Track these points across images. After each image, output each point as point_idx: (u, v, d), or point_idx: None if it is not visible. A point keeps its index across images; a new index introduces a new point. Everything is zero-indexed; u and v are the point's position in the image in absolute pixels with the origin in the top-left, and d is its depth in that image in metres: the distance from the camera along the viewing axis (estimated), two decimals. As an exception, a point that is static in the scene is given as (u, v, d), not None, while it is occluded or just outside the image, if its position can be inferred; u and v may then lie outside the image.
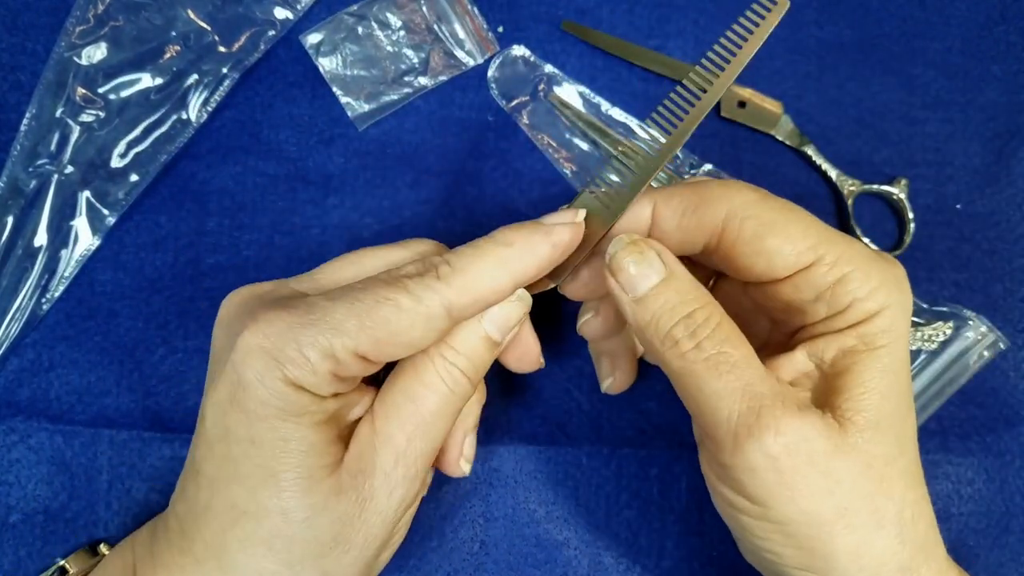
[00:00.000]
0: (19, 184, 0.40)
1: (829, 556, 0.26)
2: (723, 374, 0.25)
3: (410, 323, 0.26)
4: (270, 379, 0.26)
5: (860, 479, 0.26)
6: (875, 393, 0.26)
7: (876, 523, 0.26)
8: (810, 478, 0.25)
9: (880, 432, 0.26)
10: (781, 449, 0.25)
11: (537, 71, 0.43)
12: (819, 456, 0.25)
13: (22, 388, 0.39)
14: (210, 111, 0.41)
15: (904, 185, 0.41)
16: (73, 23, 0.41)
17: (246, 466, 0.26)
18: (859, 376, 0.26)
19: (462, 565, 0.38)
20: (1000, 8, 0.43)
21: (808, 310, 0.28)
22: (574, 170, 0.42)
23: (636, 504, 0.39)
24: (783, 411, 0.25)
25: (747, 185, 0.28)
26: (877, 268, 0.27)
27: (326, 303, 0.26)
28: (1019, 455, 0.39)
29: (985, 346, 0.38)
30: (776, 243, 0.27)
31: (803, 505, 0.25)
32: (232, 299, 0.29)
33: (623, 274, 0.27)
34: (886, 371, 0.26)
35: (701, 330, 0.26)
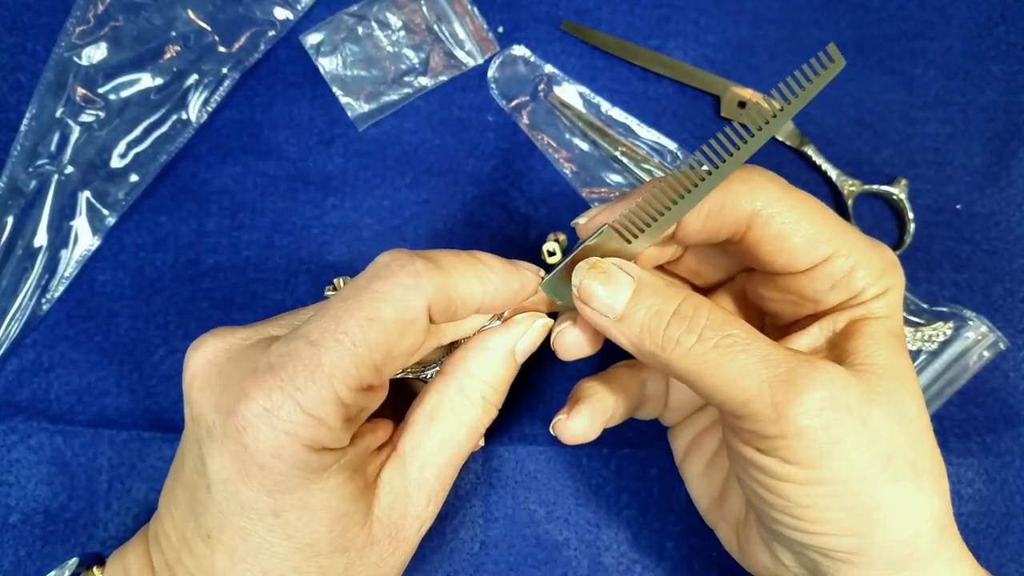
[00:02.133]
0: (19, 184, 0.40)
1: (873, 512, 0.25)
2: (738, 354, 0.25)
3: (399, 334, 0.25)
4: (287, 452, 0.24)
5: (896, 427, 0.25)
6: (885, 350, 0.27)
7: (915, 474, 0.25)
8: (853, 429, 0.24)
9: (903, 382, 0.26)
10: (824, 404, 0.24)
11: (537, 71, 0.43)
12: (856, 405, 0.25)
13: (22, 388, 0.39)
14: (210, 111, 0.41)
15: (904, 185, 0.41)
16: (73, 23, 0.41)
17: (274, 537, 0.25)
18: (868, 337, 0.27)
19: (462, 565, 0.38)
20: (1000, 8, 0.43)
21: (823, 298, 0.29)
22: (574, 170, 0.42)
23: (636, 504, 0.39)
24: (811, 368, 0.25)
25: (767, 178, 0.28)
26: (878, 255, 0.28)
27: (311, 350, 0.24)
28: (1019, 455, 0.39)
29: (985, 346, 0.38)
30: (799, 242, 0.27)
31: (850, 456, 0.24)
32: (203, 354, 0.27)
33: (596, 300, 0.27)
34: (890, 335, 0.27)
35: (696, 321, 0.26)
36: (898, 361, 0.27)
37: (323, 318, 0.25)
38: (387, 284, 0.25)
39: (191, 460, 0.26)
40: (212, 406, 0.25)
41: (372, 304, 0.25)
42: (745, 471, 0.27)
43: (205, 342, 0.27)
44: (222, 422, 0.25)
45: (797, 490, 0.25)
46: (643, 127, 0.42)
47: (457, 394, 0.29)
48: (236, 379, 0.25)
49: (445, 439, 0.28)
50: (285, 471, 0.24)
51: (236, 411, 0.24)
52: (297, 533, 0.25)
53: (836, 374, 0.25)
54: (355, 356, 0.24)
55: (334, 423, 0.25)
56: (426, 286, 0.25)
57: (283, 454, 0.24)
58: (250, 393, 0.24)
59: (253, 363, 0.25)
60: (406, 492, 0.28)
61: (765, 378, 0.24)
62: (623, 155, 0.41)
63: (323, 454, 0.25)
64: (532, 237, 0.41)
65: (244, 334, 0.27)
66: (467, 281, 0.27)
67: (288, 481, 0.25)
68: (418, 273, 0.25)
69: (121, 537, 0.38)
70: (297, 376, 0.24)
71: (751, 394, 0.25)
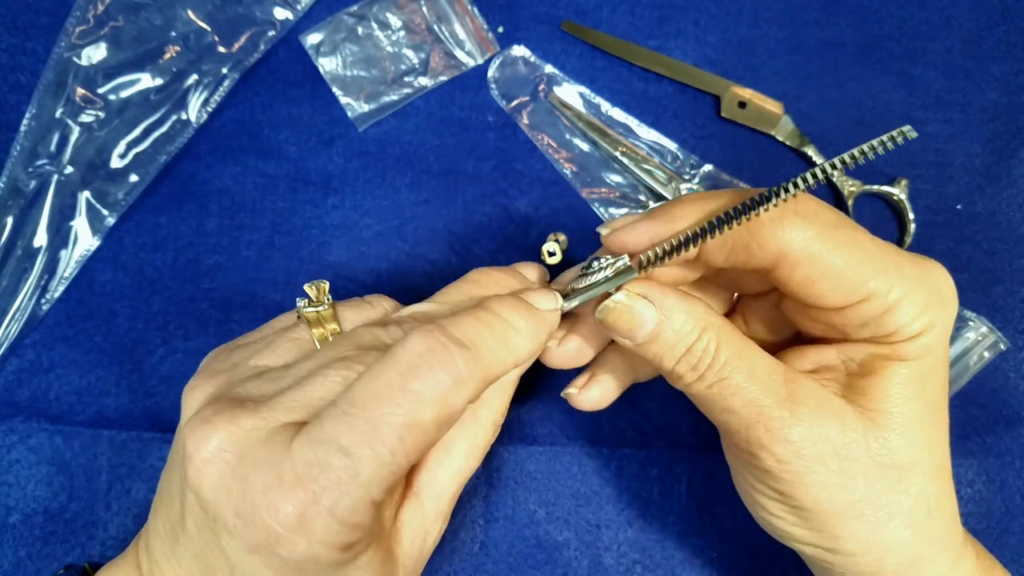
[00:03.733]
0: (19, 184, 0.40)
1: (839, 539, 0.28)
2: (728, 397, 0.27)
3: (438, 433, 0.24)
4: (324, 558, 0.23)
5: (874, 476, 0.27)
6: (900, 398, 0.27)
7: (887, 515, 0.27)
8: (823, 475, 0.27)
9: (903, 435, 0.27)
10: (794, 454, 0.27)
11: (537, 71, 0.43)
12: (832, 455, 0.27)
13: (22, 388, 0.39)
14: (210, 111, 0.41)
15: (904, 186, 0.41)
16: (73, 23, 0.41)
17: None
18: (886, 380, 0.27)
19: (462, 566, 0.38)
20: (1000, 9, 0.43)
21: (852, 333, 0.28)
22: (574, 170, 0.42)
23: (636, 504, 0.39)
24: (792, 420, 0.27)
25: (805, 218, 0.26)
26: (924, 291, 0.27)
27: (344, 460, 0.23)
28: (1019, 456, 0.39)
29: (985, 347, 0.38)
30: (829, 287, 0.26)
31: (818, 496, 0.27)
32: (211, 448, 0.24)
33: (618, 331, 0.28)
34: (911, 379, 0.27)
35: (701, 363, 0.27)
36: (910, 410, 0.27)
37: (355, 419, 0.23)
38: (426, 386, 0.23)
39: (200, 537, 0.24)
40: (232, 510, 0.23)
41: (411, 408, 0.23)
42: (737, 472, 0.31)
43: (210, 435, 0.24)
44: (245, 528, 0.23)
45: (770, 503, 0.29)
46: (643, 127, 0.42)
47: (470, 424, 0.29)
48: (259, 488, 0.23)
49: (459, 468, 0.29)
50: (321, 571, 0.24)
51: (266, 524, 0.23)
52: None
53: (816, 426, 0.27)
54: (392, 465, 0.23)
55: (368, 524, 0.24)
56: (468, 386, 0.24)
57: (320, 560, 0.23)
58: (280, 508, 0.22)
59: (276, 469, 0.23)
60: (424, 527, 0.28)
61: (748, 421, 0.27)
62: (623, 155, 0.41)
63: (356, 545, 0.24)
64: (532, 237, 0.41)
65: (252, 423, 0.24)
66: (501, 358, 0.26)
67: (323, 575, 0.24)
68: (459, 371, 0.24)
69: (121, 537, 0.38)
70: (331, 489, 0.23)
71: (734, 429, 0.28)
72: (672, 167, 0.42)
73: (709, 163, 0.42)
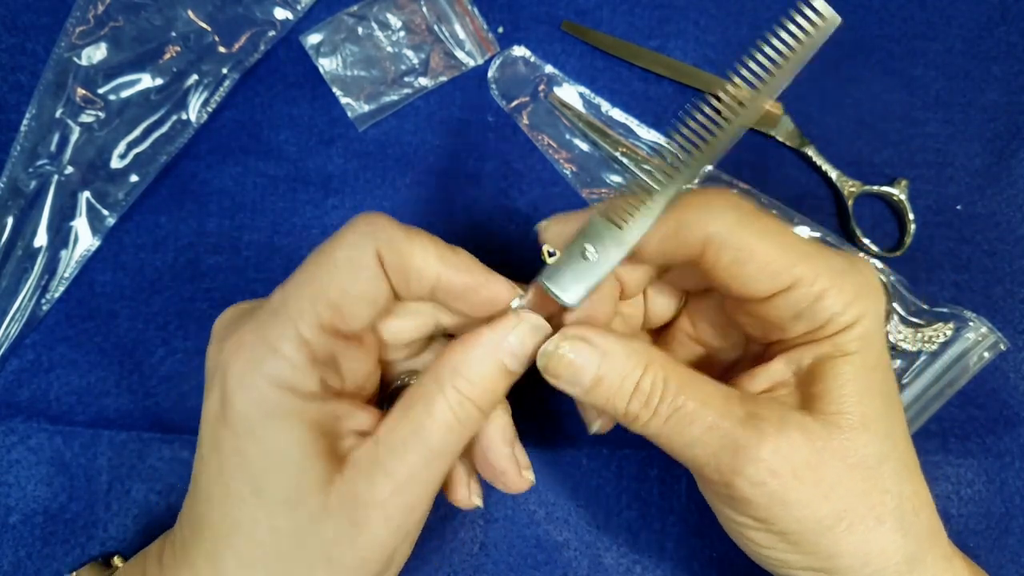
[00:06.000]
0: (19, 185, 0.40)
1: (834, 557, 0.27)
2: (686, 427, 0.27)
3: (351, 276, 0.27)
4: (250, 383, 0.25)
5: (851, 480, 0.27)
6: (852, 395, 0.27)
7: (876, 519, 0.27)
8: (801, 490, 0.26)
9: (865, 431, 0.27)
10: (767, 473, 0.26)
11: (537, 72, 0.43)
12: (805, 467, 0.26)
13: (22, 389, 0.39)
14: (210, 112, 0.41)
15: (904, 186, 0.41)
16: (73, 24, 0.41)
17: (235, 480, 0.26)
18: (835, 380, 0.27)
19: (462, 566, 0.38)
20: (1000, 9, 0.43)
21: (787, 327, 0.28)
22: (574, 171, 0.42)
23: (636, 505, 0.39)
24: (759, 438, 0.26)
25: (726, 202, 0.28)
26: (851, 281, 0.27)
27: (280, 295, 0.27)
28: (1019, 456, 0.39)
29: (985, 347, 0.38)
30: (753, 270, 0.27)
31: (801, 514, 0.26)
32: (221, 318, 0.29)
33: (562, 379, 0.28)
34: (860, 372, 0.27)
35: (652, 397, 0.27)
36: (865, 405, 0.27)
37: (297, 270, 0.28)
38: (345, 231, 0.27)
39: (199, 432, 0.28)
40: (214, 350, 0.27)
41: (330, 249, 0.27)
42: (713, 508, 0.30)
43: (227, 310, 0.29)
44: (210, 365, 0.27)
45: (756, 534, 0.28)
46: (643, 128, 0.42)
47: (432, 384, 0.27)
48: (229, 324, 0.28)
49: (417, 429, 0.27)
50: (247, 406, 0.25)
51: (217, 352, 0.27)
52: (253, 476, 0.26)
53: (782, 440, 0.26)
54: (313, 296, 0.26)
55: (297, 361, 0.26)
56: (380, 235, 0.27)
57: (247, 386, 0.25)
58: (234, 330, 0.27)
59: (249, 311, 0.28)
60: (371, 474, 0.26)
61: (712, 449, 0.26)
62: (623, 156, 0.41)
63: (286, 394, 0.25)
64: (532, 237, 0.41)
65: (256, 301, 0.29)
66: (425, 252, 0.28)
67: (248, 419, 0.25)
68: (373, 223, 0.27)
69: (120, 537, 0.38)
70: (267, 319, 0.26)
71: (702, 463, 0.27)
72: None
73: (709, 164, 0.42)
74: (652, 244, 0.28)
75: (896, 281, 0.40)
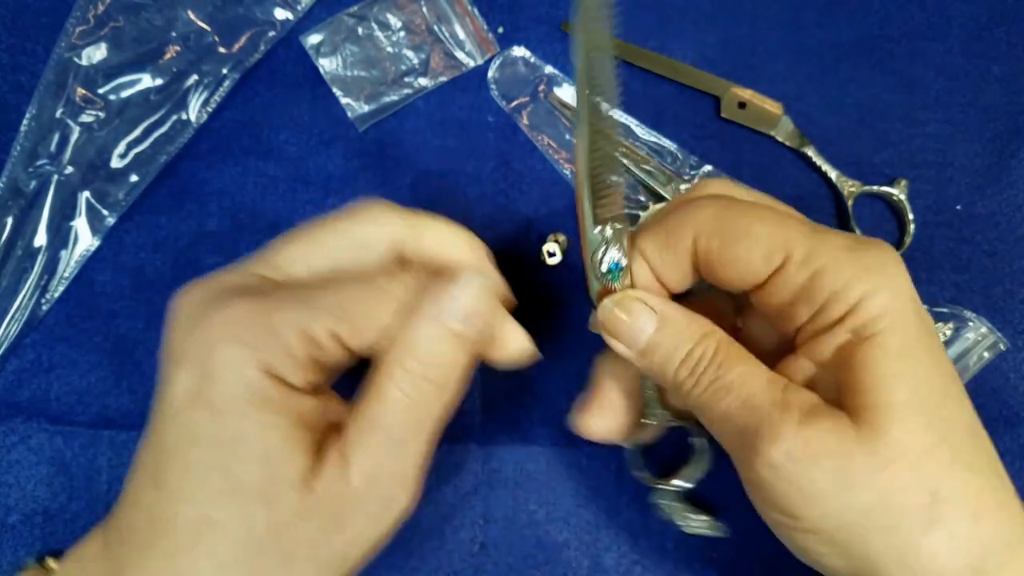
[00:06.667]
0: (19, 185, 0.40)
1: (870, 559, 0.25)
2: (722, 399, 0.26)
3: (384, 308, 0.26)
4: (241, 367, 0.24)
5: (886, 477, 0.24)
6: (878, 383, 0.25)
7: (921, 522, 0.24)
8: (823, 481, 0.24)
9: (898, 423, 0.24)
10: (784, 458, 0.25)
11: (537, 72, 0.43)
12: (827, 457, 0.24)
13: (22, 389, 0.39)
14: (210, 112, 0.41)
15: (904, 186, 0.41)
16: (73, 24, 0.41)
17: (211, 474, 0.24)
18: (858, 369, 0.25)
19: (462, 566, 0.38)
20: (1000, 9, 0.43)
21: (791, 313, 0.27)
22: (574, 171, 0.42)
23: (636, 505, 0.39)
24: (781, 420, 0.25)
25: (709, 199, 0.28)
26: (851, 257, 0.25)
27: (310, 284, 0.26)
28: (1019, 456, 0.39)
29: (985, 347, 0.38)
30: (741, 250, 0.26)
31: (827, 509, 0.25)
32: (189, 295, 0.27)
33: (621, 335, 0.28)
34: (885, 357, 0.25)
35: (699, 366, 0.27)
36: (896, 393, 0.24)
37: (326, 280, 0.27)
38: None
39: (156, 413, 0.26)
40: (182, 329, 0.26)
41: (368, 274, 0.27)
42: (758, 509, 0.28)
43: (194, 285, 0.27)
44: (184, 343, 0.25)
45: (791, 532, 0.26)
46: (643, 128, 0.42)
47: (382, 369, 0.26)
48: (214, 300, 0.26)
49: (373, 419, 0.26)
50: (233, 391, 0.24)
51: (204, 324, 0.25)
52: (230, 466, 0.24)
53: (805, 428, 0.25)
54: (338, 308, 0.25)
55: (300, 353, 0.25)
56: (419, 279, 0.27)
57: (235, 370, 0.24)
58: (223, 306, 0.25)
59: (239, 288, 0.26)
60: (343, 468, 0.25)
61: (741, 425, 0.26)
62: (623, 156, 0.41)
63: (275, 384, 0.25)
64: (532, 237, 0.41)
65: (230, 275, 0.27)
66: None
67: (232, 404, 0.24)
68: None
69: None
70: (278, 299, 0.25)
71: (730, 438, 0.27)
72: (672, 168, 0.42)
73: (709, 164, 0.42)
74: (659, 263, 0.28)
75: None
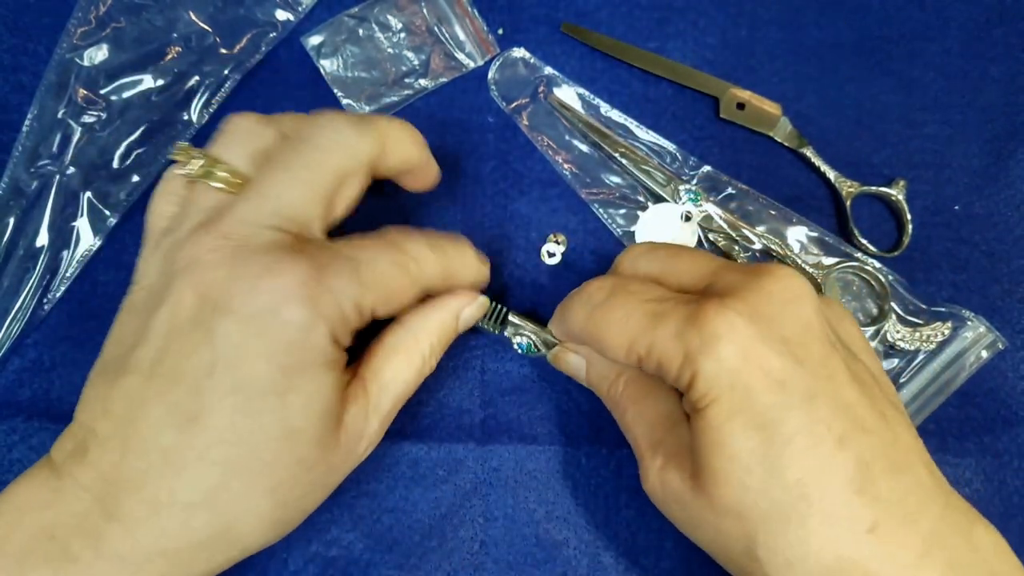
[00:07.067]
0: (21, 185, 0.40)
1: None
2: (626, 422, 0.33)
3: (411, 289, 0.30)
4: (315, 334, 0.26)
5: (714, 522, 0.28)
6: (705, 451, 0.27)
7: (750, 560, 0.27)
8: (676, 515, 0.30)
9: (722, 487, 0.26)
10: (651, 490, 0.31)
11: (537, 73, 0.43)
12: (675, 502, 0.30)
13: (23, 388, 0.39)
14: (211, 112, 0.42)
15: (902, 186, 0.41)
16: (75, 24, 0.41)
17: (269, 418, 0.26)
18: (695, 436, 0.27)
19: (462, 565, 0.38)
20: (999, 10, 0.43)
21: None
22: (574, 171, 0.42)
23: (635, 504, 0.39)
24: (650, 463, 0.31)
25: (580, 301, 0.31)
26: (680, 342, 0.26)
27: (348, 250, 0.28)
28: (1017, 456, 0.39)
29: (984, 346, 0.39)
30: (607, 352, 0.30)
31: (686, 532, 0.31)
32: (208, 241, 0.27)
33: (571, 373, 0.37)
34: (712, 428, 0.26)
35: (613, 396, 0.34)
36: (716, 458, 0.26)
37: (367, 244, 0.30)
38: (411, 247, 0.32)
39: (180, 348, 0.26)
40: (237, 285, 0.26)
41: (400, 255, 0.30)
42: None
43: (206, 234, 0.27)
44: (247, 299, 0.26)
45: None
46: (642, 129, 0.42)
47: (412, 338, 0.32)
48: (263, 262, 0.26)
49: (397, 373, 0.32)
50: (305, 352, 0.26)
51: (272, 288, 0.26)
52: (292, 416, 0.27)
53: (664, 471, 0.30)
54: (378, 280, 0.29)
55: (352, 324, 0.28)
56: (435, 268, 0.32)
57: (311, 335, 0.26)
58: (277, 270, 0.26)
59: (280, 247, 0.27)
60: (366, 411, 0.30)
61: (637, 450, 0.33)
62: (622, 157, 0.41)
63: (335, 348, 0.28)
64: (532, 238, 0.42)
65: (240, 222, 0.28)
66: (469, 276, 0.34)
67: (303, 364, 0.26)
68: None
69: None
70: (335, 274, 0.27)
71: None
72: (671, 168, 0.42)
73: (707, 164, 0.42)
74: None
75: (894, 280, 0.40)
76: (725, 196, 0.41)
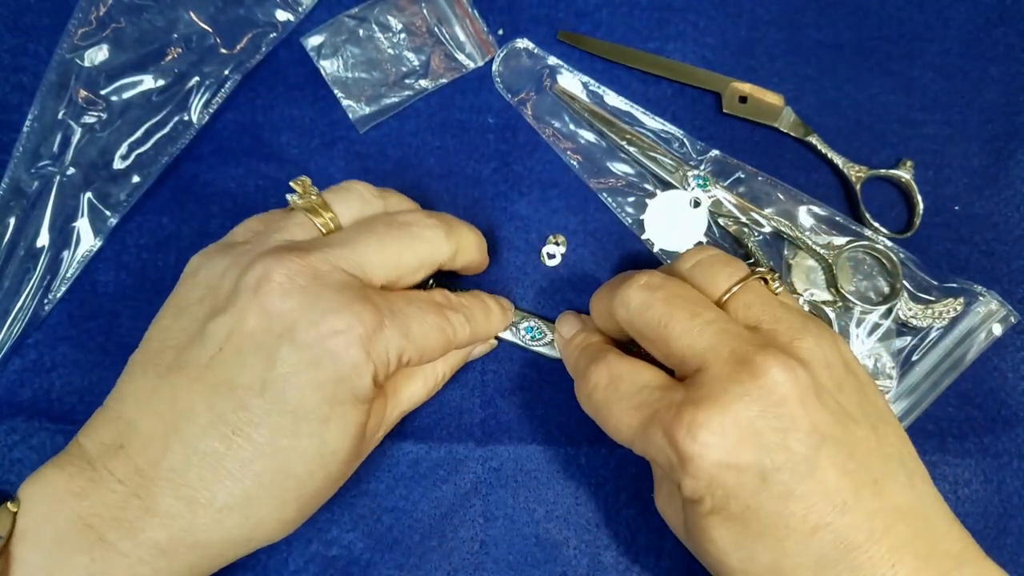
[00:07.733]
0: (21, 185, 0.40)
1: None
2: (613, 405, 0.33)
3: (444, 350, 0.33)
4: (363, 375, 0.29)
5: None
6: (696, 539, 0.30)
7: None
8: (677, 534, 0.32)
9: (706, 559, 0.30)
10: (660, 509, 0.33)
11: (541, 63, 0.43)
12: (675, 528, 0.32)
13: (24, 388, 0.39)
14: (212, 113, 0.42)
15: (910, 167, 0.41)
16: (75, 25, 0.41)
17: (309, 441, 0.28)
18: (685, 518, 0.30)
19: (462, 564, 0.38)
20: (999, 10, 0.43)
21: None
22: (580, 161, 0.42)
23: (635, 504, 0.39)
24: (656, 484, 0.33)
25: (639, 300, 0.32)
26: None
27: (403, 306, 0.31)
28: (1016, 456, 0.39)
29: (997, 319, 0.38)
30: None
31: None
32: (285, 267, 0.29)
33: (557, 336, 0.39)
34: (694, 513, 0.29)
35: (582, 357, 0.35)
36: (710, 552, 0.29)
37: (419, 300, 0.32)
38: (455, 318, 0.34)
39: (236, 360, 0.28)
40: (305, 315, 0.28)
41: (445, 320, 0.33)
42: None
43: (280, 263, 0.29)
44: (312, 330, 0.28)
45: None
46: (648, 115, 0.42)
47: (430, 365, 0.36)
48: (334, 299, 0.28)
49: (412, 394, 0.36)
50: (352, 390, 0.29)
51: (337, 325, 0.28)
52: (330, 441, 0.29)
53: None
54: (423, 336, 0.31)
55: (392, 369, 0.30)
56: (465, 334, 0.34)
57: (360, 374, 0.28)
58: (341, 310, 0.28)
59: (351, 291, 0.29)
60: (380, 424, 0.34)
61: None
62: (629, 144, 0.41)
63: (374, 388, 0.30)
64: (532, 239, 0.42)
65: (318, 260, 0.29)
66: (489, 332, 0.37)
67: (348, 398, 0.29)
68: None
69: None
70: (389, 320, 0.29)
71: None
72: (679, 154, 0.42)
73: (716, 149, 0.42)
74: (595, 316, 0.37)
75: (906, 258, 0.40)
76: (734, 180, 0.41)
